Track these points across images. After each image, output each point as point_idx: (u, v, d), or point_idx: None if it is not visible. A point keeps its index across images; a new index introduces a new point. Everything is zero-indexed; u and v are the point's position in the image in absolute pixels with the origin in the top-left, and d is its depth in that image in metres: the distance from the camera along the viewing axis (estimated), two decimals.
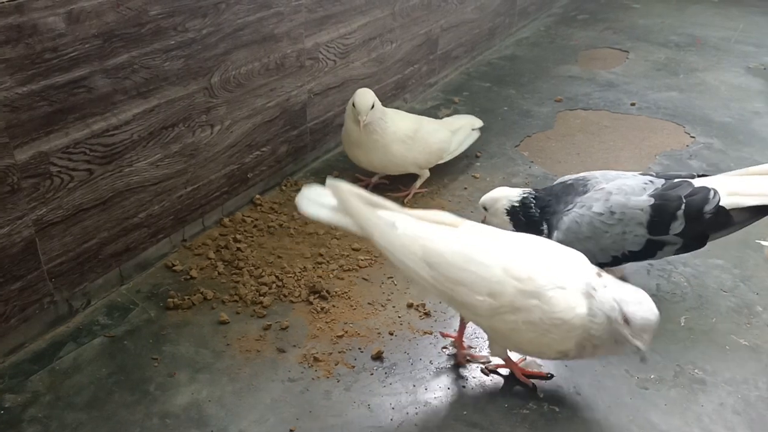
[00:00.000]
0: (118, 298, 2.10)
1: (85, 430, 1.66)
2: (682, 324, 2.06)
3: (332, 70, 2.82)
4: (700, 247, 1.99)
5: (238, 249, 2.31)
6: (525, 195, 2.09)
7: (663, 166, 2.97)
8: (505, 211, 2.10)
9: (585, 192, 2.01)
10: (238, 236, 2.37)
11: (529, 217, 2.07)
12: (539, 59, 4.31)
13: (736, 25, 5.06)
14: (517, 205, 2.08)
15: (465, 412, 1.74)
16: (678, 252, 1.98)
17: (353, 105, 2.44)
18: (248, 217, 2.50)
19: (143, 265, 2.20)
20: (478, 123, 3.01)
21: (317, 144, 2.90)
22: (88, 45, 1.79)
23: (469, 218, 2.51)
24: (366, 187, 2.67)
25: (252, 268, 2.22)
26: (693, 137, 3.28)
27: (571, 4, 5.52)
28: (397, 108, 3.29)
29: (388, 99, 3.25)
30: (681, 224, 1.89)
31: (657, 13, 5.36)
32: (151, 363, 1.86)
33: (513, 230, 2.09)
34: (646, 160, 3.03)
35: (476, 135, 2.97)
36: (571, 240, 1.96)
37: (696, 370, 1.88)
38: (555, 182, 2.18)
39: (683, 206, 1.88)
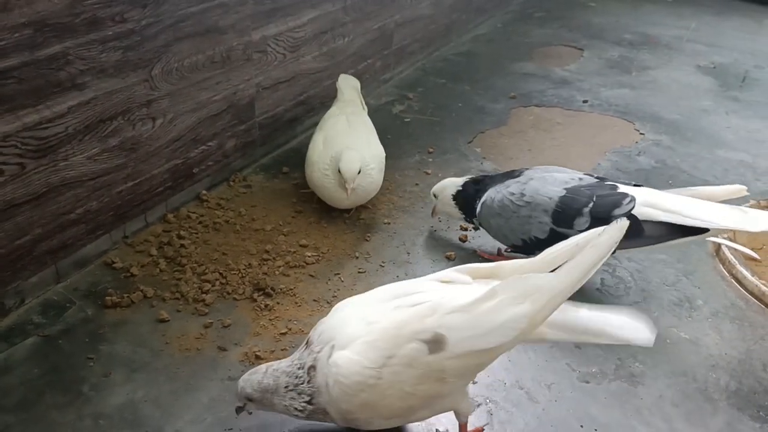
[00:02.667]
0: (54, 297, 2.03)
1: None
2: None
3: (282, 64, 2.78)
4: None
5: (182, 246, 2.26)
6: (467, 180, 2.29)
7: (612, 163, 3.01)
8: (451, 196, 2.29)
9: (518, 176, 2.12)
10: (182, 233, 2.32)
11: (468, 198, 2.24)
12: (495, 56, 4.33)
13: (688, 24, 5.16)
14: (460, 189, 2.27)
15: None
16: None
17: (338, 170, 2.30)
18: (193, 213, 2.45)
19: (81, 263, 2.13)
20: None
21: (267, 139, 2.85)
22: (17, 34, 1.72)
23: (419, 213, 2.55)
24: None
25: (195, 265, 2.17)
26: (642, 134, 3.32)
27: (528, 1, 5.56)
28: None
29: None
30: (586, 221, 1.93)
31: (612, 11, 5.44)
32: (86, 363, 1.81)
33: (460, 215, 2.30)
34: (597, 157, 3.06)
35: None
36: (485, 215, 2.16)
37: (636, 364, 1.90)
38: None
39: (591, 204, 1.94)
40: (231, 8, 2.41)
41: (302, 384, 1.45)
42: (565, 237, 1.90)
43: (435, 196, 2.36)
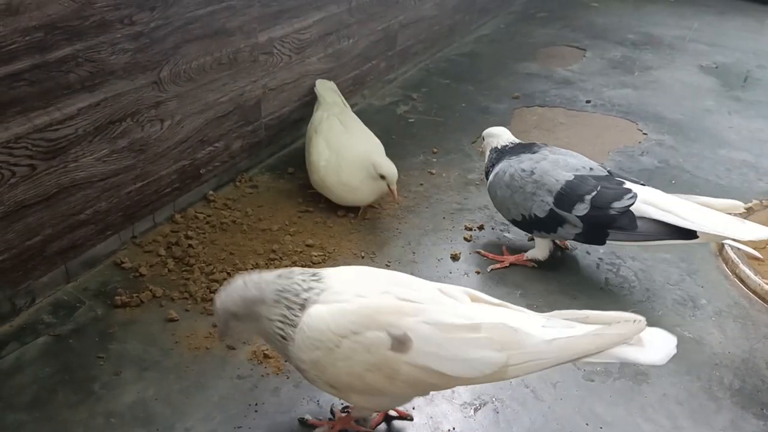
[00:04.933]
0: (64, 296, 2.06)
1: (26, 431, 1.62)
2: None
3: (287, 66, 2.80)
4: (599, 242, 2.08)
5: (190, 246, 2.28)
6: (509, 143, 2.34)
7: (616, 163, 3.02)
8: (491, 147, 2.37)
9: (534, 152, 2.20)
10: (189, 233, 2.34)
11: (495, 159, 2.31)
12: (498, 56, 4.35)
13: (690, 24, 5.17)
14: (500, 146, 2.33)
15: (413, 407, 1.74)
16: (578, 238, 2.11)
17: (381, 176, 2.38)
18: (201, 213, 2.47)
19: (91, 263, 2.15)
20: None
21: (273, 140, 2.88)
22: (28, 37, 1.75)
23: (424, 213, 2.56)
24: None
25: (203, 265, 2.19)
26: (645, 134, 3.34)
27: (530, 2, 5.58)
28: (355, 104, 3.31)
29: (346, 95, 3.22)
30: (586, 208, 2.01)
31: (614, 12, 5.45)
32: (97, 362, 1.83)
33: (487, 167, 2.36)
34: (600, 157, 3.07)
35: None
36: (494, 184, 2.25)
37: None
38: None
39: (594, 193, 2.01)
40: (238, 11, 2.43)
41: (294, 307, 1.41)
42: (562, 220, 2.03)
43: (483, 138, 2.45)
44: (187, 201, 2.50)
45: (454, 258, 2.33)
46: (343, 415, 1.67)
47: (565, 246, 2.41)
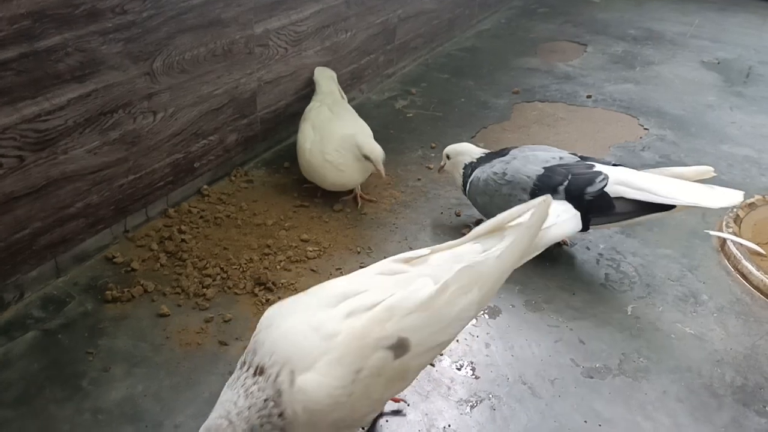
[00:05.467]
0: (54, 291, 2.02)
1: (12, 427, 1.59)
2: (629, 313, 2.06)
3: (284, 58, 2.76)
4: (582, 229, 2.02)
5: (183, 240, 2.24)
6: (481, 155, 2.34)
7: (616, 158, 2.98)
8: (464, 164, 2.36)
9: (504, 155, 2.24)
10: (183, 227, 2.31)
11: (469, 172, 2.32)
12: (499, 51, 4.31)
13: (692, 20, 5.12)
14: (475, 159, 2.34)
15: (408, 404, 1.71)
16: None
17: (365, 156, 2.36)
18: (195, 207, 2.44)
19: (81, 257, 2.12)
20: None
21: (268, 134, 2.84)
22: (16, 25, 1.71)
23: (421, 208, 2.53)
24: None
25: (196, 259, 2.16)
26: (647, 129, 3.30)
27: None
28: (353, 98, 3.27)
29: (344, 89, 3.19)
30: (562, 199, 1.99)
31: (616, 7, 5.40)
32: (86, 357, 1.79)
33: (461, 184, 2.38)
34: (601, 152, 3.03)
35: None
36: (472, 192, 2.28)
37: (641, 359, 1.88)
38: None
39: (566, 182, 2.03)
40: (233, 1, 2.39)
41: (275, 417, 1.25)
42: None
43: (448, 157, 2.43)
44: (181, 195, 2.46)
45: None
46: None
47: (564, 242, 2.37)
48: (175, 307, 1.98)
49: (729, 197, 1.93)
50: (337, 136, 2.42)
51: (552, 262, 2.27)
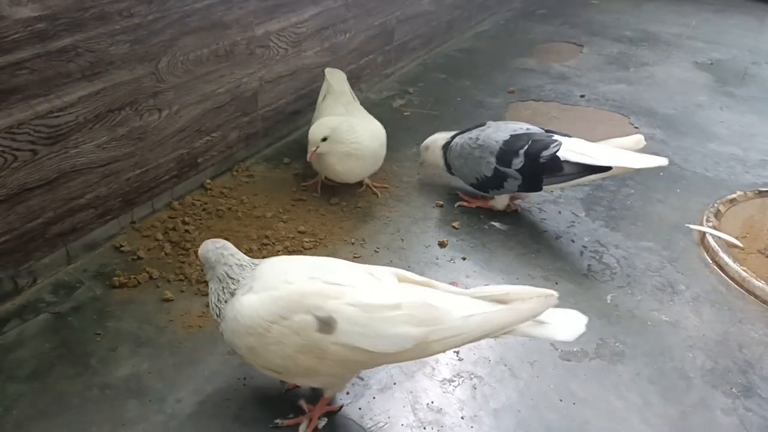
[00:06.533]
0: (65, 277, 2.15)
1: (25, 401, 1.71)
2: (609, 301, 2.16)
3: (284, 59, 2.88)
4: (537, 189, 2.37)
5: (186, 231, 2.36)
6: (453, 134, 2.65)
7: None
8: (441, 147, 2.67)
9: (481, 126, 2.55)
10: (186, 219, 2.43)
11: (447, 147, 2.63)
12: (496, 52, 4.41)
13: (688, 21, 5.21)
14: (449, 140, 2.64)
15: (395, 383, 1.82)
16: (520, 188, 2.41)
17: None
18: (198, 200, 2.56)
19: (91, 246, 2.24)
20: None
21: (269, 131, 2.96)
22: (30, 27, 1.83)
23: (414, 202, 2.64)
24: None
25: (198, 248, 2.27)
26: (637, 128, 3.40)
27: None
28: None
29: None
30: (521, 161, 2.33)
31: (614, 9, 5.50)
32: (94, 338, 1.92)
33: (444, 165, 2.67)
34: None
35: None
36: (451, 157, 2.60)
37: (617, 343, 1.99)
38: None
39: (526, 147, 2.34)
40: (235, 4, 2.51)
41: (222, 303, 1.57)
42: (505, 176, 2.35)
43: (427, 147, 2.73)
44: (185, 189, 2.58)
45: (442, 245, 2.40)
46: (311, 406, 1.72)
47: (516, 208, 2.62)
48: (178, 292, 2.10)
49: (653, 161, 2.19)
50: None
51: (537, 254, 2.38)
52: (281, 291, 1.49)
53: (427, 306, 1.44)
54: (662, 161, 2.20)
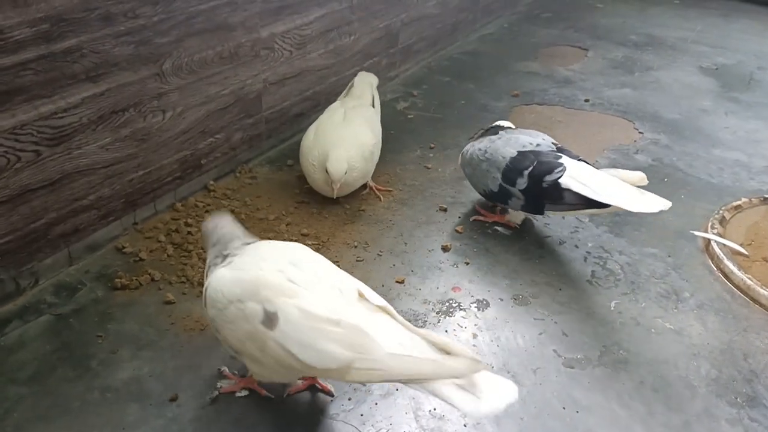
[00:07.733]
0: (67, 278, 2.14)
1: (26, 404, 1.70)
2: (612, 308, 2.15)
3: (288, 61, 2.88)
4: (539, 212, 2.33)
5: (189, 233, 2.36)
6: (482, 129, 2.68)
7: (610, 160, 3.07)
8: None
9: (495, 134, 2.51)
10: (189, 220, 2.42)
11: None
12: (501, 55, 4.40)
13: (693, 26, 5.20)
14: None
15: (397, 388, 1.81)
16: (523, 209, 2.36)
17: (326, 170, 2.44)
18: (201, 202, 2.55)
19: (93, 247, 2.24)
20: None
21: (273, 133, 2.95)
22: (35, 28, 1.83)
23: (418, 206, 2.63)
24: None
25: (201, 251, 2.27)
26: (641, 133, 3.39)
27: (535, 2, 5.61)
28: None
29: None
30: (525, 182, 2.26)
31: (619, 13, 5.48)
32: (96, 340, 1.91)
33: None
34: (595, 154, 3.13)
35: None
36: (462, 163, 2.58)
37: (621, 351, 1.98)
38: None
39: (531, 168, 2.25)
40: (240, 6, 2.50)
41: (219, 257, 1.67)
42: (509, 194, 2.30)
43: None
44: (188, 190, 2.58)
45: (445, 249, 2.39)
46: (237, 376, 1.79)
47: (514, 225, 2.54)
48: (180, 295, 2.09)
49: (655, 204, 2.06)
50: (320, 146, 2.53)
51: (540, 259, 2.37)
52: (248, 274, 1.53)
53: (362, 332, 1.39)
54: (664, 205, 2.06)
